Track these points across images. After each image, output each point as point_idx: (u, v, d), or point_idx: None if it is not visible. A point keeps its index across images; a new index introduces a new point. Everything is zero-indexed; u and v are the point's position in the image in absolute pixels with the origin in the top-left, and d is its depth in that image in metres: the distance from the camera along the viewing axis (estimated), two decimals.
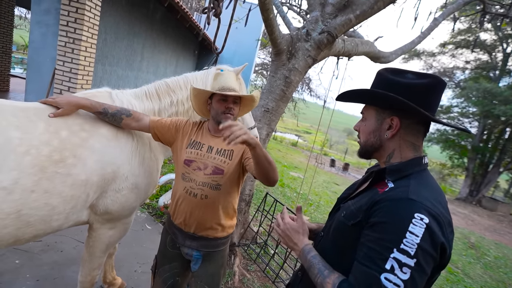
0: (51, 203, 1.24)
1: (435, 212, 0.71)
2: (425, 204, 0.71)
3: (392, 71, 0.88)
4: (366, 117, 0.93)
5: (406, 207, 0.71)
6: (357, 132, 0.98)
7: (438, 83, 0.83)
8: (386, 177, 0.84)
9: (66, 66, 3.79)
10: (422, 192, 0.75)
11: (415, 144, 0.86)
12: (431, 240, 0.67)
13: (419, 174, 0.83)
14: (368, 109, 0.92)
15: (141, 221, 3.40)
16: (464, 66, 17.68)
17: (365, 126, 0.92)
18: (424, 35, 4.65)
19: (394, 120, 0.85)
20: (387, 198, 0.76)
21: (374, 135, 0.89)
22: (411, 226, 0.68)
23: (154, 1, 5.77)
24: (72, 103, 1.34)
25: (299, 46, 2.80)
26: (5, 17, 7.07)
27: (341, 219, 0.89)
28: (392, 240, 0.68)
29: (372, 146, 0.91)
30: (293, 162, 13.70)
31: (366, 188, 0.91)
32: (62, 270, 2.29)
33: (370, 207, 0.78)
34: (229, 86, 1.38)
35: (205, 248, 1.44)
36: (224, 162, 1.38)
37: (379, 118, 0.88)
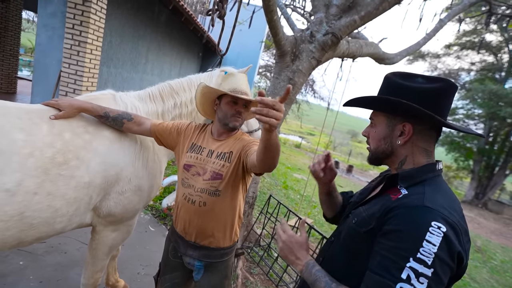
0: (54, 205, 1.23)
1: (452, 221, 0.69)
2: (441, 212, 0.69)
3: (401, 75, 0.86)
4: (376, 123, 0.90)
5: (423, 215, 0.69)
6: (365, 137, 0.96)
7: (450, 86, 0.81)
8: (398, 183, 0.82)
9: (72, 68, 3.82)
10: (438, 199, 0.73)
11: (427, 150, 0.84)
12: (448, 249, 0.65)
13: (433, 180, 0.80)
14: (378, 115, 0.90)
15: (145, 223, 3.40)
16: (470, 67, 17.53)
17: (375, 133, 0.90)
18: (429, 36, 4.61)
19: (406, 126, 0.83)
20: (402, 206, 0.73)
21: (385, 141, 0.87)
22: (428, 235, 0.66)
23: (159, 4, 5.80)
24: (74, 106, 1.34)
25: (303, 47, 2.79)
26: (12, 20, 7.17)
27: (352, 225, 0.86)
28: (408, 249, 0.66)
29: (383, 153, 0.89)
30: (297, 164, 13.66)
31: (378, 194, 0.88)
32: (66, 272, 2.30)
33: (383, 215, 0.76)
34: (242, 89, 1.33)
35: (207, 258, 1.36)
36: (223, 166, 1.30)
37: (390, 124, 0.86)
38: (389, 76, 0.88)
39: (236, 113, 1.33)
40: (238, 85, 1.34)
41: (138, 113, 1.60)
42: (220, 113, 1.37)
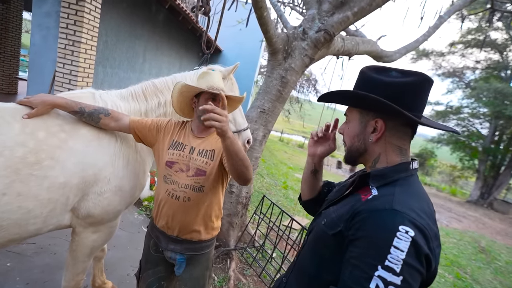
0: (25, 206, 1.20)
1: (421, 224, 0.65)
2: (410, 215, 0.65)
3: (375, 69, 0.82)
4: (350, 120, 0.87)
5: (390, 219, 0.65)
6: (341, 134, 0.92)
7: (424, 80, 0.76)
8: (369, 182, 0.78)
9: (66, 68, 3.81)
10: (407, 201, 0.69)
11: (401, 148, 0.80)
12: (416, 254, 0.62)
13: (405, 180, 0.76)
14: (352, 111, 0.86)
15: (138, 224, 3.38)
16: (475, 65, 17.27)
17: (349, 129, 0.86)
18: (429, 33, 4.52)
19: (378, 122, 0.79)
20: (369, 209, 0.70)
21: (358, 138, 0.84)
22: (396, 240, 0.62)
23: (155, 3, 5.78)
24: (46, 102, 1.30)
25: (296, 45, 2.74)
26: (13, 21, 7.21)
27: (321, 226, 0.83)
28: (376, 256, 0.63)
29: (357, 151, 0.85)
30: (299, 164, 13.58)
31: (349, 194, 0.84)
32: (53, 273, 2.27)
33: (351, 218, 0.72)
34: (218, 86, 1.34)
35: (190, 251, 1.40)
36: (206, 163, 1.34)
37: (363, 120, 0.83)
38: (364, 70, 0.84)
39: None
40: (214, 82, 1.33)
41: (120, 111, 1.56)
42: (199, 111, 1.35)
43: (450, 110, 17.71)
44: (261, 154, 3.08)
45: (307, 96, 17.43)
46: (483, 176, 15.92)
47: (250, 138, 1.88)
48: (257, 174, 7.32)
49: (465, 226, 10.04)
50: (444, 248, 6.64)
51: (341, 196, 0.87)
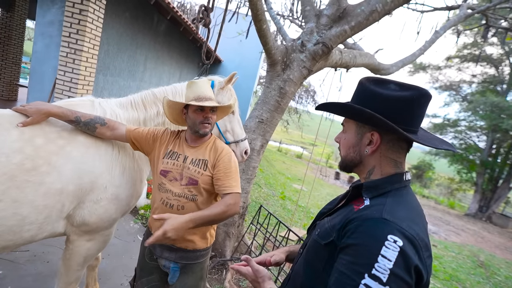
0: (21, 213, 1.19)
1: (410, 234, 0.65)
2: (399, 225, 0.65)
3: (374, 81, 0.83)
4: (346, 130, 0.87)
5: (379, 228, 0.65)
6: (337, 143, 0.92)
7: (422, 95, 0.76)
8: (363, 193, 0.79)
9: (67, 76, 3.85)
10: (398, 211, 0.69)
11: (396, 161, 0.81)
12: (405, 265, 0.61)
13: (398, 191, 0.77)
14: (348, 122, 0.87)
15: (134, 232, 3.34)
16: (471, 79, 17.53)
17: (345, 140, 0.87)
18: (425, 47, 4.62)
19: (374, 135, 0.79)
20: (360, 218, 0.70)
21: (354, 149, 0.84)
22: (384, 249, 0.62)
23: (157, 14, 5.90)
24: (42, 111, 1.30)
25: (294, 57, 2.79)
26: (16, 29, 7.31)
27: (315, 237, 0.83)
28: (364, 265, 0.63)
29: (351, 161, 0.86)
30: (297, 174, 13.56)
31: (343, 205, 0.85)
32: (46, 282, 2.23)
33: (343, 226, 0.72)
34: (205, 95, 1.35)
35: (184, 260, 1.40)
36: (198, 173, 1.35)
37: (359, 132, 0.83)
38: (363, 81, 0.84)
39: (204, 119, 1.35)
40: (201, 92, 1.35)
41: (118, 119, 1.57)
42: (189, 121, 1.39)
43: (448, 123, 17.85)
44: (259, 163, 3.09)
45: (306, 107, 17.57)
46: (481, 189, 15.90)
47: (247, 149, 1.89)
48: (255, 184, 7.30)
49: (464, 240, 9.96)
50: (443, 262, 6.57)
51: (336, 208, 0.88)
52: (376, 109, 0.75)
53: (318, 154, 20.22)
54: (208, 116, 1.35)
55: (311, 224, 0.99)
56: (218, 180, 1.33)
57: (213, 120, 1.38)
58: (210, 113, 1.36)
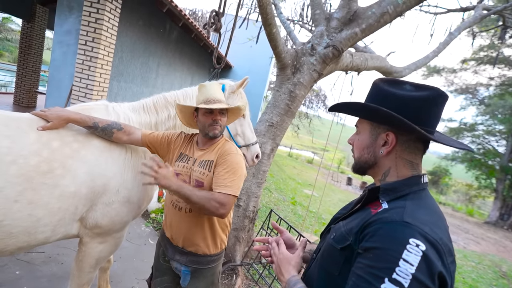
0: (36, 215, 1.22)
1: (433, 238, 0.62)
2: (421, 228, 0.62)
3: (388, 82, 0.81)
4: (360, 131, 0.85)
5: (400, 231, 0.63)
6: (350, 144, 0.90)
7: (439, 95, 0.74)
8: (380, 196, 0.76)
9: (83, 82, 3.98)
10: (419, 215, 0.67)
11: (413, 162, 0.78)
12: (428, 270, 0.58)
13: (417, 194, 0.74)
14: (362, 123, 0.85)
15: (145, 236, 3.37)
16: (488, 82, 17.01)
17: (359, 141, 0.85)
18: (439, 49, 4.53)
19: (389, 136, 0.77)
20: (380, 221, 0.67)
21: (368, 151, 0.82)
22: (405, 253, 0.59)
23: (170, 22, 6.03)
24: (62, 117, 1.34)
25: (304, 60, 2.78)
26: (36, 39, 7.64)
27: (330, 241, 0.80)
28: (384, 269, 0.60)
29: (366, 163, 0.83)
30: (308, 180, 13.43)
31: (359, 208, 0.82)
32: (60, 283, 2.27)
33: (361, 230, 0.70)
34: (214, 97, 1.36)
35: (194, 264, 1.40)
36: (203, 174, 1.34)
37: (374, 133, 0.81)
38: (377, 82, 0.83)
39: (213, 122, 1.35)
40: (210, 95, 1.36)
41: (131, 123, 1.60)
42: (199, 124, 1.40)
43: (464, 127, 17.35)
44: (269, 167, 3.07)
45: (316, 111, 17.46)
46: (502, 196, 15.27)
47: (259, 153, 1.88)
48: (265, 188, 7.27)
49: (484, 249, 9.55)
50: (462, 272, 6.31)
51: (351, 211, 0.85)
52: (392, 109, 0.73)
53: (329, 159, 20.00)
54: (217, 118, 1.35)
55: (324, 228, 0.96)
56: (215, 178, 1.28)
57: (222, 122, 1.38)
58: (219, 115, 1.36)
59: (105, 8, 3.78)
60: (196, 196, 1.20)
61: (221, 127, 1.37)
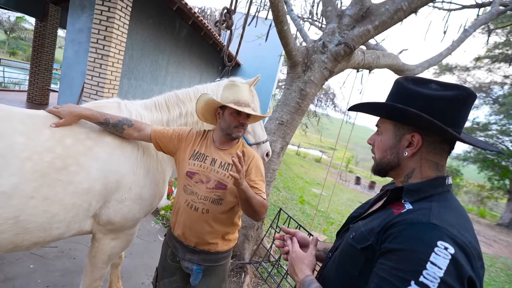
0: (51, 211, 1.23)
1: (462, 241, 0.60)
2: (450, 231, 0.60)
3: (413, 80, 0.77)
4: (382, 131, 0.82)
5: (428, 233, 0.61)
6: (370, 145, 0.88)
7: (468, 95, 0.71)
8: (403, 197, 0.74)
9: (94, 80, 4.03)
10: (446, 216, 0.64)
11: (438, 164, 0.75)
12: (457, 274, 0.56)
13: (441, 196, 0.71)
14: (385, 123, 0.81)
15: (154, 233, 3.40)
16: (503, 81, 16.52)
17: (381, 142, 0.82)
18: (453, 47, 4.41)
19: (415, 137, 0.74)
20: (405, 221, 0.65)
21: (391, 152, 0.79)
22: (433, 256, 0.57)
23: (179, 20, 6.05)
24: (74, 113, 1.35)
25: (315, 58, 2.75)
26: (49, 38, 7.78)
27: (349, 241, 0.78)
28: (410, 271, 0.58)
29: (388, 164, 0.80)
30: (316, 179, 13.35)
31: (380, 208, 0.80)
32: (72, 278, 2.31)
33: (383, 230, 0.68)
34: (245, 100, 1.35)
35: (206, 262, 1.40)
36: (227, 177, 1.33)
37: (398, 134, 0.78)
38: (400, 81, 0.80)
39: (240, 124, 1.35)
40: (241, 97, 1.35)
41: (143, 121, 1.61)
42: (223, 123, 1.38)
43: (477, 127, 16.92)
44: (278, 166, 3.06)
45: (325, 110, 17.30)
46: None
47: (269, 151, 1.87)
48: (273, 187, 7.25)
49: (496, 251, 9.33)
50: None
51: (372, 211, 0.83)
52: (417, 109, 0.70)
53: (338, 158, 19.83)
54: (244, 122, 1.35)
55: (342, 227, 0.94)
56: (252, 187, 1.30)
57: (246, 127, 1.39)
58: (246, 119, 1.36)
59: (116, 7, 3.81)
60: (255, 200, 1.23)
61: (245, 130, 1.38)
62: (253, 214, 1.28)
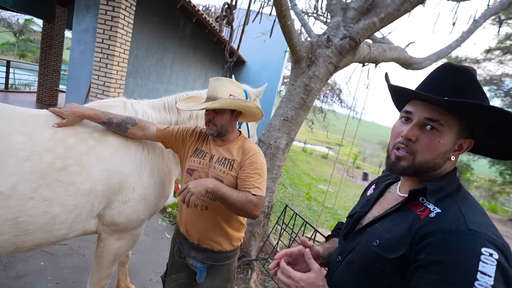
0: (51, 212, 1.21)
1: (500, 244, 0.59)
2: (488, 235, 0.59)
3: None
4: (444, 130, 0.70)
5: (470, 241, 0.59)
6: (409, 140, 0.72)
7: None
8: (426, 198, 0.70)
9: (100, 80, 4.07)
10: (477, 218, 0.63)
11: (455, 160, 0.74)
12: (504, 279, 0.56)
13: (460, 193, 0.70)
14: (449, 121, 0.69)
15: (162, 230, 3.43)
16: None
17: (440, 143, 0.70)
18: (463, 38, 4.30)
19: (467, 142, 0.71)
20: (442, 230, 0.62)
21: (443, 156, 0.71)
22: (481, 265, 0.56)
23: (184, 18, 6.05)
24: (76, 113, 1.34)
25: (320, 52, 2.71)
26: (56, 39, 7.88)
27: (374, 249, 0.72)
28: (461, 283, 0.56)
29: (433, 168, 0.72)
30: (323, 175, 13.29)
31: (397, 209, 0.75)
32: (82, 275, 2.35)
33: (417, 240, 0.64)
34: (211, 94, 1.31)
35: (210, 261, 1.39)
36: (223, 172, 1.31)
37: (459, 137, 0.71)
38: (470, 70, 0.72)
39: (207, 121, 1.33)
40: (209, 92, 1.33)
41: (151, 121, 1.60)
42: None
43: None
44: (284, 163, 3.04)
45: (331, 106, 17.14)
46: None
47: None
48: (279, 184, 7.24)
49: None
50: None
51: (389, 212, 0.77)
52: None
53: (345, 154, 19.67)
54: (210, 117, 1.31)
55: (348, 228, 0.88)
56: (242, 181, 1.27)
57: (218, 121, 1.31)
58: (214, 114, 1.30)
59: (120, 6, 3.83)
60: (233, 198, 1.19)
61: (217, 126, 1.31)
62: (239, 212, 1.22)
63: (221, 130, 1.33)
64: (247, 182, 1.25)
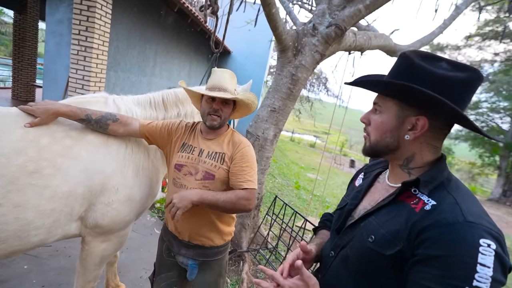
0: (24, 218, 1.14)
1: (495, 233, 0.60)
2: (484, 224, 0.60)
3: (422, 56, 0.71)
4: (383, 111, 0.75)
5: (469, 234, 0.59)
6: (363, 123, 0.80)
7: (478, 78, 0.67)
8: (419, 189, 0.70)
9: (79, 73, 3.88)
10: (472, 208, 0.63)
11: (437, 147, 0.73)
12: (502, 268, 0.57)
13: (451, 182, 0.70)
14: (387, 102, 0.75)
15: (150, 226, 3.38)
16: (493, 58, 16.58)
17: (380, 122, 0.75)
18: (445, 25, 4.35)
19: (420, 120, 0.70)
20: (439, 223, 0.61)
21: (391, 134, 0.74)
22: (480, 257, 0.56)
23: (165, 7, 5.83)
24: (50, 111, 1.23)
25: (306, 41, 2.67)
26: (29, 31, 7.46)
27: (369, 245, 0.71)
28: (462, 277, 0.56)
29: (387, 147, 0.76)
30: (311, 164, 13.44)
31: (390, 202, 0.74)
32: (69, 276, 2.29)
33: (415, 235, 0.64)
34: (221, 85, 1.26)
35: (201, 257, 1.37)
36: (214, 167, 1.28)
37: (401, 115, 0.72)
38: (409, 56, 0.72)
39: (213, 111, 1.28)
40: (217, 81, 1.27)
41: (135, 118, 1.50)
42: (201, 111, 1.33)
43: (468, 105, 17.11)
44: (272, 153, 3.03)
45: (318, 95, 17.22)
46: (505, 173, 15.29)
47: None
48: (269, 174, 7.27)
49: None
50: None
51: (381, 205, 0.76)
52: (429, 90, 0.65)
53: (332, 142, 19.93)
54: (217, 108, 1.27)
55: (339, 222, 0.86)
56: (234, 175, 1.26)
57: (224, 114, 1.30)
58: (222, 105, 1.28)
59: None
60: (221, 201, 1.19)
61: (221, 118, 1.29)
62: (232, 211, 1.24)
63: (223, 122, 1.32)
64: (240, 176, 1.25)
